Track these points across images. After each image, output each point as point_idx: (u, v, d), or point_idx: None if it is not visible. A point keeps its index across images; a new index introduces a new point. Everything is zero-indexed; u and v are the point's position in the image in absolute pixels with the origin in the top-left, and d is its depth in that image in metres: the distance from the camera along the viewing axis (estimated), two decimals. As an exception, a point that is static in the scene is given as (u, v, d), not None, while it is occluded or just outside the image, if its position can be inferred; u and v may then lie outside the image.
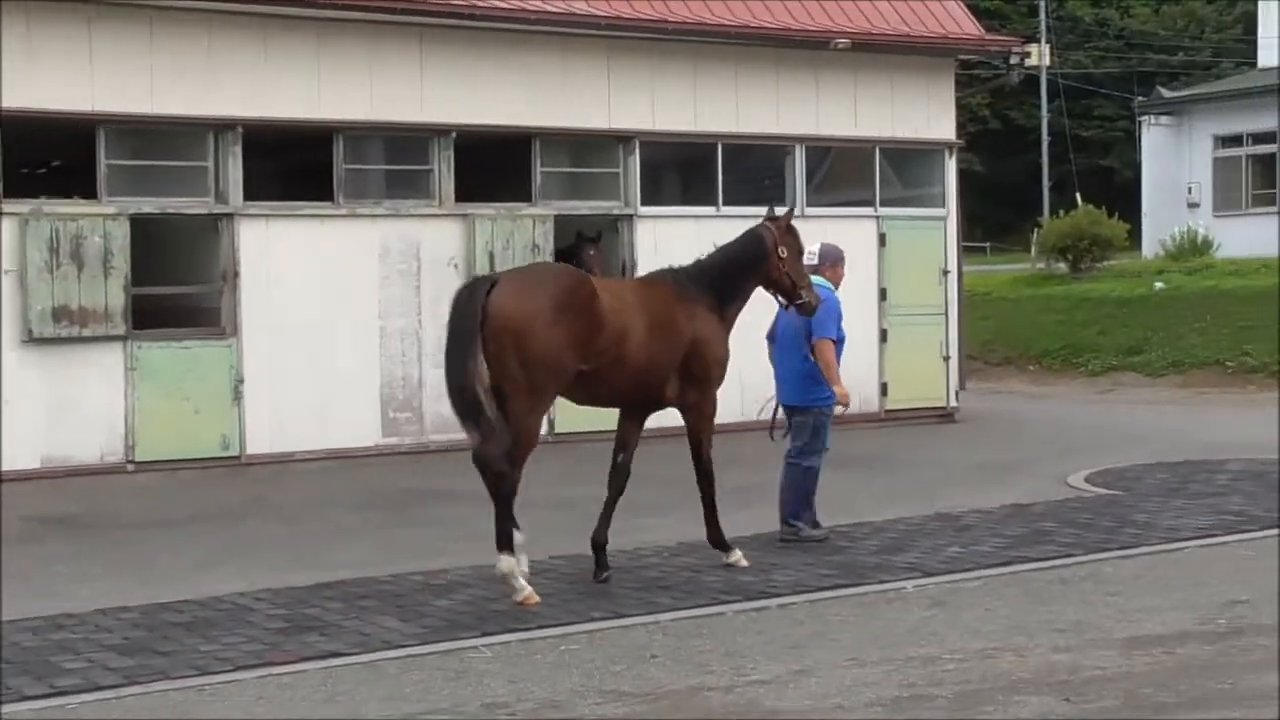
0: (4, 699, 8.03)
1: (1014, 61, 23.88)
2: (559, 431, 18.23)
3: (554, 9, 19.50)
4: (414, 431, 19.00)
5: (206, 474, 17.35)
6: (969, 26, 23.20)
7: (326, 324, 18.50)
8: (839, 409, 12.52)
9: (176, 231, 18.65)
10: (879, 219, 22.25)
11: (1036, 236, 39.72)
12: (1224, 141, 42.15)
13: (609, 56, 20.23)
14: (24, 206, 17.15)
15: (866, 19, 21.99)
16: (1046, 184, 58.51)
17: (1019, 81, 26.50)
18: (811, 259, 12.23)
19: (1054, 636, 9.09)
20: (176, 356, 17.74)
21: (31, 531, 13.64)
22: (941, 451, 19.24)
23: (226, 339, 18.02)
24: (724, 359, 11.30)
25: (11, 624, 9.73)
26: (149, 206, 17.80)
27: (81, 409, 17.21)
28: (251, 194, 18.23)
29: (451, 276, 18.97)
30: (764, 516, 12.68)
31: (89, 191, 17.62)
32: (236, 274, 18.06)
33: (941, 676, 8.22)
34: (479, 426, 10.04)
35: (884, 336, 22.05)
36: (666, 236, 20.11)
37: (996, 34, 29.84)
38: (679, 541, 12.18)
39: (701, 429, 11.29)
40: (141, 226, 17.72)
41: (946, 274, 22.88)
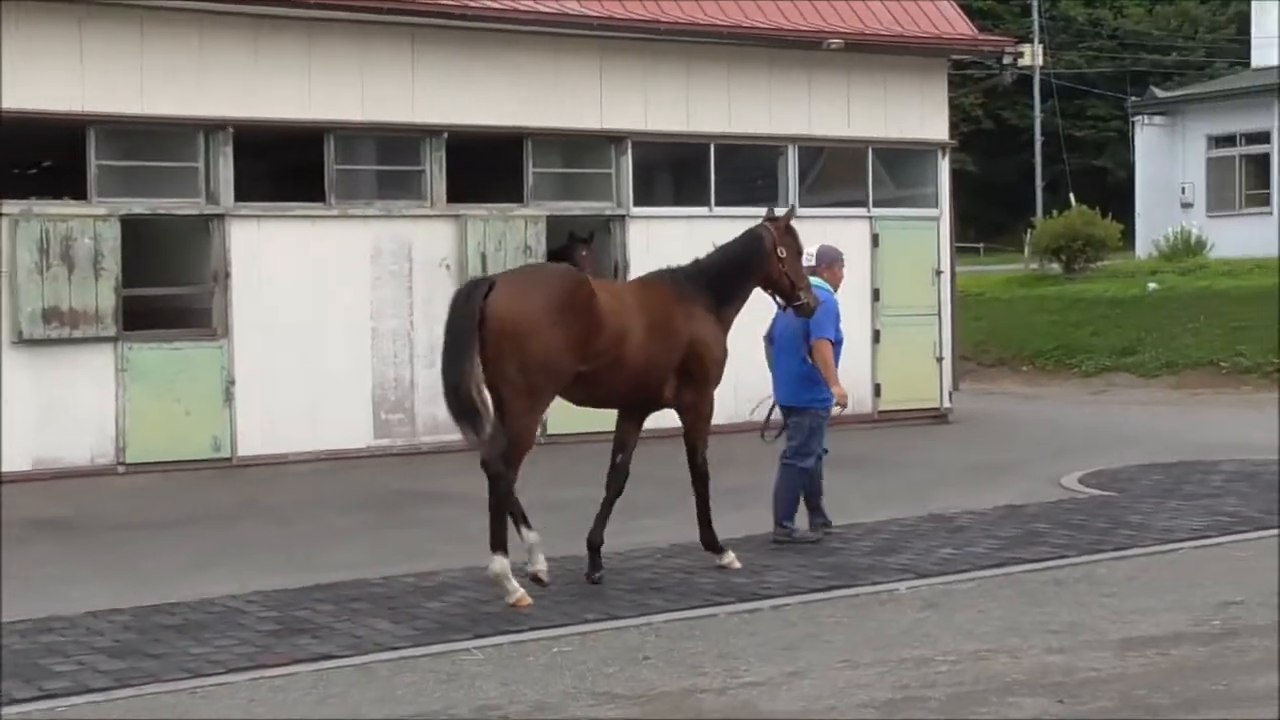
0: (-3, 702, 8.01)
1: (1007, 61, 23.82)
2: (551, 433, 18.18)
3: (546, 9, 19.48)
4: (406, 433, 18.97)
5: (198, 476, 17.33)
6: (962, 26, 23.18)
7: (318, 325, 18.47)
8: (837, 409, 12.50)
9: (167, 232, 18.62)
10: (872, 219, 22.22)
11: (1030, 237, 39.70)
12: (1217, 142, 42.15)
13: (601, 57, 20.21)
14: (14, 207, 17.12)
15: (859, 19, 21.98)
16: (1040, 184, 58.54)
17: (1012, 81, 26.44)
18: (809, 260, 12.20)
19: (1048, 638, 9.07)
20: (167, 358, 17.71)
21: (22, 534, 13.57)
22: (935, 452, 19.22)
23: (217, 340, 17.99)
24: (722, 359, 11.28)
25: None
26: (139, 207, 17.77)
27: (72, 411, 17.18)
28: (242, 194, 18.19)
29: (443, 277, 19.01)
30: (757, 518, 12.65)
31: (79, 192, 17.60)
32: (227, 275, 18.03)
33: (935, 678, 8.20)
34: (475, 428, 10.02)
35: (877, 337, 22.04)
36: (659, 237, 20.07)
37: (989, 34, 29.89)
38: (672, 543, 12.16)
39: (698, 430, 11.27)
40: (132, 227, 17.69)
41: (940, 274, 22.86)
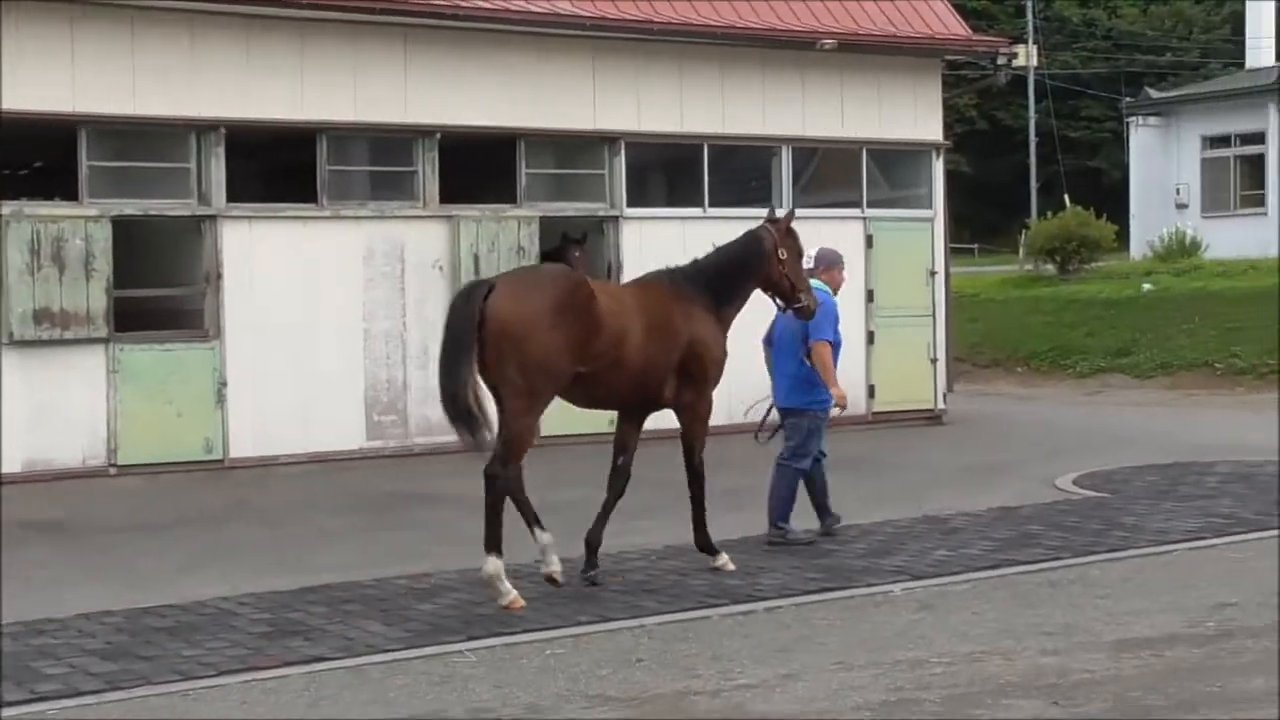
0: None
1: (1001, 62, 23.84)
2: (544, 435, 18.09)
3: (538, 9, 19.44)
4: (398, 434, 18.93)
5: (189, 477, 17.29)
6: (956, 27, 23.16)
7: (310, 326, 18.42)
8: (836, 410, 12.51)
9: (159, 233, 18.57)
10: (866, 220, 22.19)
11: (1024, 238, 39.70)
12: (1212, 142, 42.18)
13: (594, 57, 20.17)
14: (5, 208, 17.06)
15: (853, 19, 21.95)
16: (1034, 185, 58.60)
17: (1006, 82, 26.48)
18: (808, 263, 12.20)
19: (1042, 640, 9.06)
20: (159, 359, 17.66)
21: (13, 536, 13.51)
22: (929, 454, 19.21)
23: (209, 341, 17.94)
24: (722, 360, 11.28)
25: (-8, 628, 9.68)
26: (131, 208, 17.72)
27: (63, 412, 17.12)
28: (234, 195, 18.15)
29: (436, 279, 18.99)
30: (752, 520, 12.64)
31: (70, 193, 17.55)
32: (219, 276, 17.98)
33: (929, 680, 8.18)
34: (471, 432, 10.04)
35: (871, 338, 21.99)
36: (652, 238, 20.05)
37: (983, 34, 29.89)
38: (665, 545, 12.14)
39: (695, 430, 11.27)
40: (123, 228, 17.64)
41: (934, 275, 22.83)
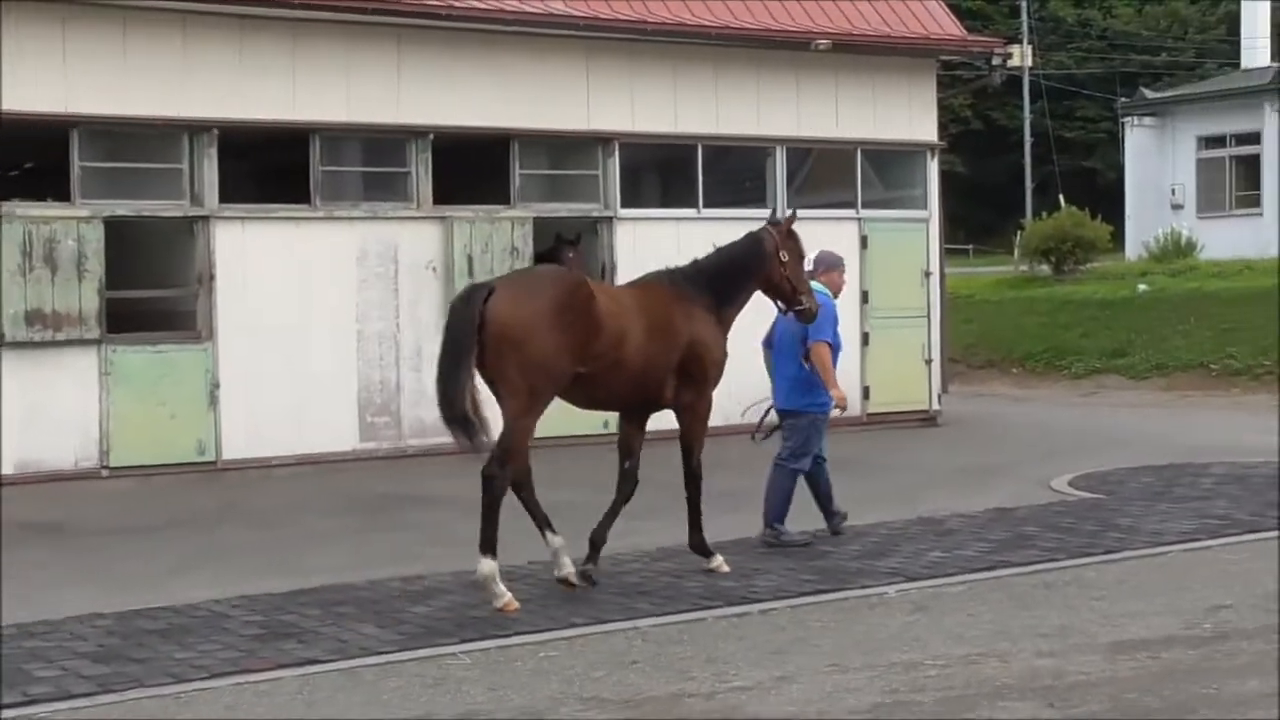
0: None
1: (996, 62, 23.83)
2: (542, 435, 18.02)
3: (532, 9, 19.40)
4: (391, 436, 18.88)
5: (182, 479, 17.24)
6: (950, 27, 23.14)
7: (303, 328, 18.38)
8: (837, 411, 12.55)
9: (151, 234, 18.52)
10: (860, 221, 22.16)
11: (1019, 238, 39.71)
12: (1207, 143, 42.21)
13: (588, 57, 20.13)
14: (-3, 209, 17.04)
15: (847, 19, 21.92)
16: (1029, 185, 58.59)
17: (1001, 82, 26.42)
18: (807, 265, 12.20)
19: (1038, 641, 9.04)
20: (151, 361, 17.61)
21: (5, 537, 13.45)
22: (924, 455, 19.19)
23: (202, 343, 17.89)
24: (722, 360, 11.29)
25: (-17, 630, 9.65)
26: (123, 209, 17.67)
27: (55, 414, 17.07)
28: (227, 196, 18.09)
29: (430, 280, 18.96)
30: (748, 522, 12.62)
31: (62, 194, 17.48)
32: (212, 277, 17.93)
33: (924, 682, 8.16)
34: (467, 435, 10.06)
35: (866, 339, 21.95)
36: (646, 239, 20.03)
37: (978, 34, 29.88)
38: (659, 547, 12.11)
39: (694, 431, 11.27)
40: (116, 229, 17.59)
41: (929, 276, 22.81)
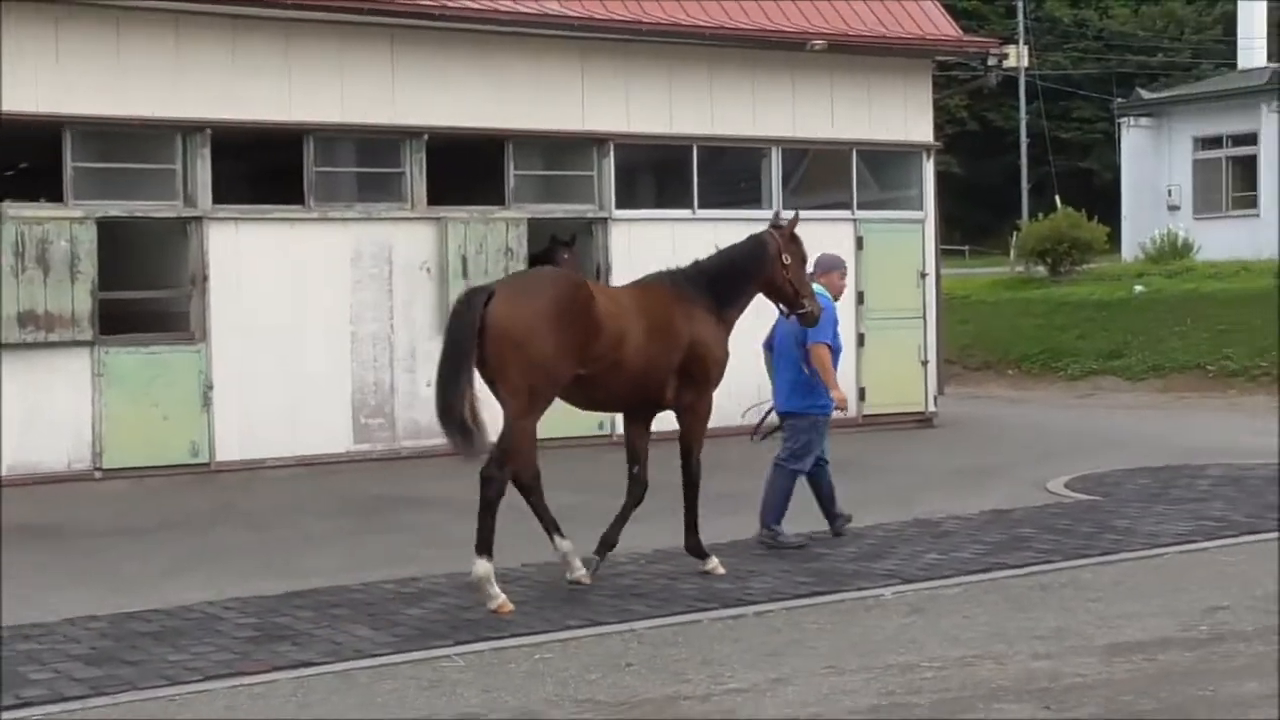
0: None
1: (992, 63, 23.78)
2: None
3: (526, 9, 19.36)
4: (386, 437, 18.84)
5: (175, 481, 17.19)
6: (946, 27, 23.11)
7: (297, 329, 18.34)
8: (837, 413, 12.62)
9: (144, 235, 18.48)
10: (856, 222, 22.11)
11: (1015, 239, 39.70)
12: (1204, 143, 42.17)
13: (582, 58, 20.10)
14: (-11, 210, 17.00)
15: (843, 20, 21.89)
16: (1025, 186, 58.62)
17: (997, 83, 26.36)
18: (808, 267, 12.23)
19: (1034, 644, 9.03)
20: (145, 362, 17.57)
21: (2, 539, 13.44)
22: (920, 457, 19.16)
23: (195, 344, 17.84)
24: (723, 360, 11.30)
25: (-23, 633, 9.62)
26: (116, 210, 17.63)
27: (48, 415, 17.02)
28: (220, 197, 18.05)
29: (424, 280, 18.93)
30: (744, 524, 12.62)
31: (55, 194, 17.44)
32: (205, 278, 17.89)
33: (920, 684, 8.15)
34: (464, 440, 10.07)
35: (861, 340, 21.91)
36: (641, 240, 19.99)
37: (974, 35, 29.78)
38: (655, 549, 12.07)
39: (694, 431, 11.28)
40: (109, 230, 17.56)
41: (924, 277, 22.77)
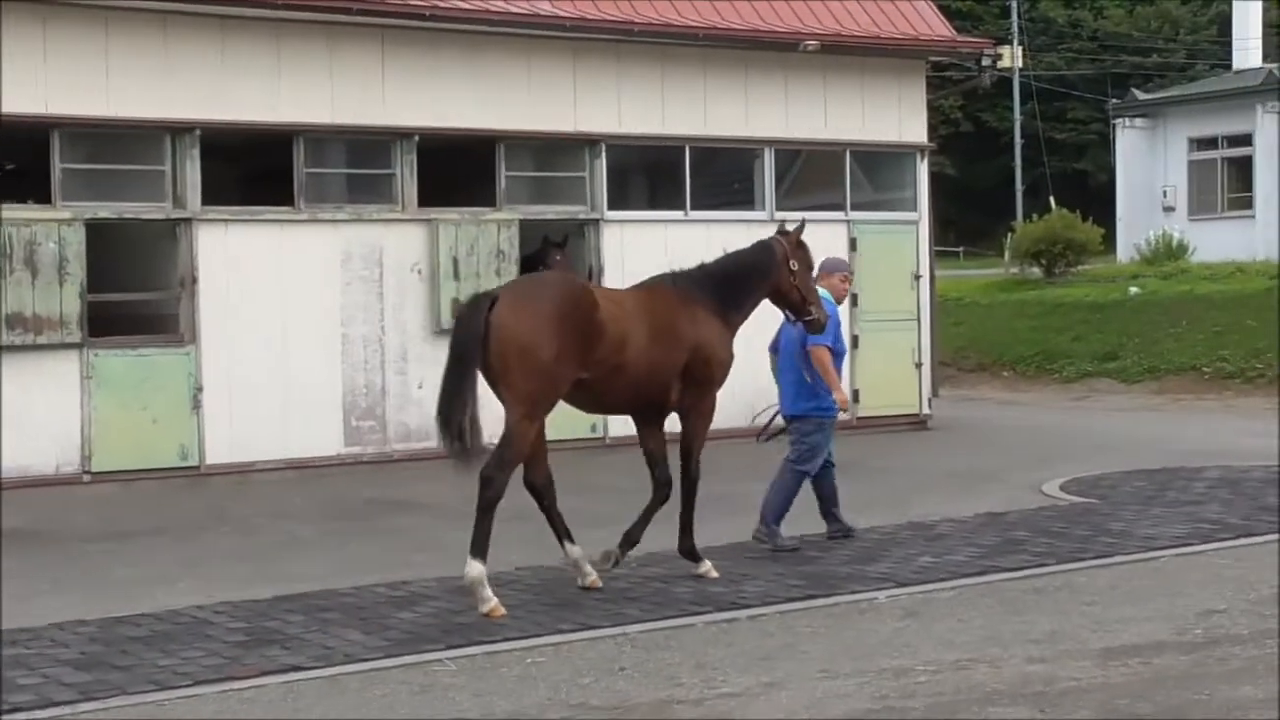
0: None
1: (986, 63, 23.75)
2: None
3: (517, 10, 19.30)
4: (377, 440, 18.77)
5: (165, 485, 17.15)
6: (940, 28, 23.07)
7: (287, 331, 18.27)
8: (840, 414, 12.68)
9: (133, 237, 18.41)
10: (849, 223, 22.05)
11: (1010, 241, 39.75)
12: (1199, 144, 42.17)
13: (574, 58, 20.03)
14: (-23, 212, 16.91)
15: (836, 20, 21.84)
16: (1020, 187, 58.67)
17: (991, 84, 26.37)
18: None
19: (1029, 647, 9.00)
20: (134, 365, 17.49)
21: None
22: (914, 459, 19.13)
23: (185, 347, 17.77)
24: (727, 362, 11.32)
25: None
26: (105, 211, 17.56)
27: (36, 418, 16.94)
28: (210, 198, 17.98)
29: (415, 282, 18.90)
30: (737, 527, 12.60)
31: (43, 196, 17.36)
32: (195, 280, 17.81)
33: (914, 688, 8.12)
34: (461, 449, 10.08)
35: (855, 342, 21.81)
36: (633, 241, 19.94)
37: (968, 35, 29.79)
38: (647, 552, 11.99)
39: (696, 432, 11.27)
40: (97, 232, 17.48)
41: (918, 279, 22.72)
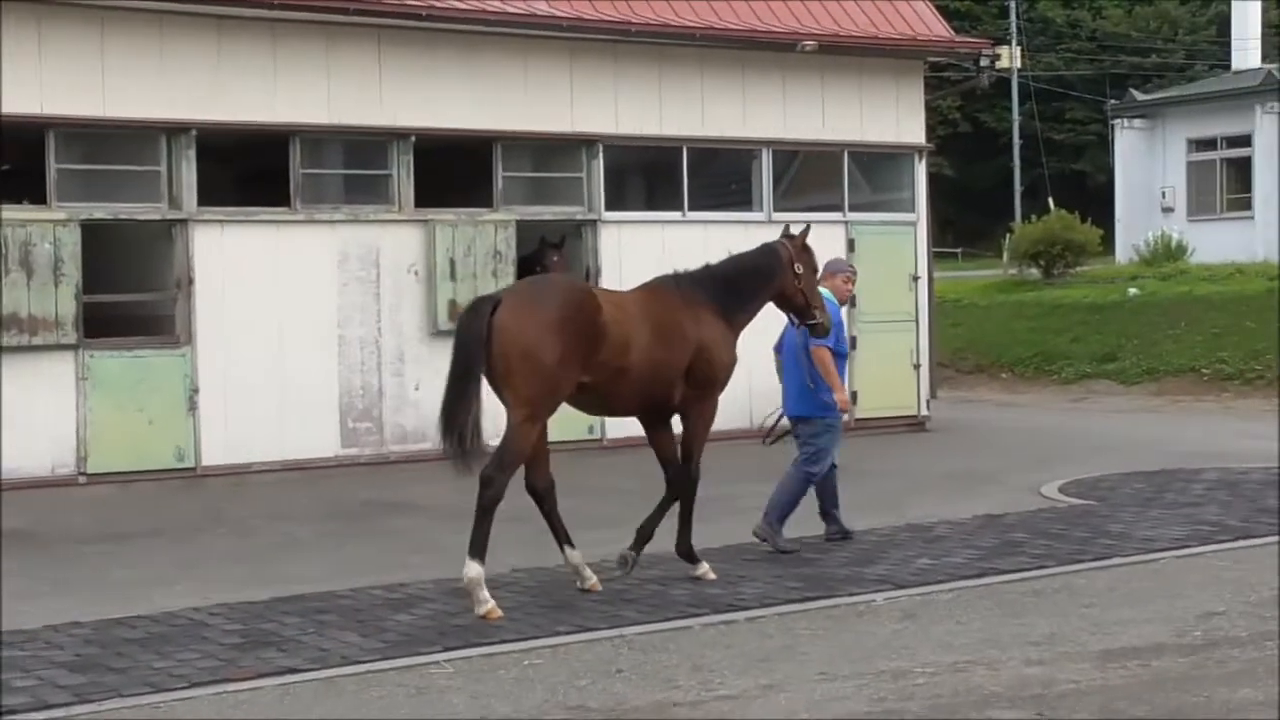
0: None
1: (984, 64, 23.77)
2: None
3: (514, 10, 19.27)
4: (373, 442, 18.75)
5: (161, 486, 17.13)
6: (938, 28, 23.05)
7: (283, 332, 18.25)
8: (844, 416, 12.72)
9: (129, 238, 18.42)
10: (848, 224, 22.02)
11: (1008, 242, 39.74)
12: (1198, 145, 42.15)
13: (571, 58, 20.00)
14: (-28, 213, 16.88)
15: (834, 20, 21.82)
16: (1018, 188, 58.67)
17: (990, 84, 26.39)
18: None
19: (1027, 649, 8.98)
20: (129, 366, 17.47)
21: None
22: (912, 461, 19.11)
23: (180, 348, 17.74)
24: (730, 364, 11.33)
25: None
26: (100, 212, 17.55)
27: (32, 420, 16.91)
28: (206, 199, 17.96)
29: (411, 283, 18.88)
30: (737, 528, 12.61)
31: (39, 197, 17.33)
32: (191, 281, 17.79)
33: (913, 691, 8.11)
34: (462, 454, 10.08)
35: (853, 344, 21.73)
36: (631, 242, 19.92)
37: (966, 36, 29.76)
38: (646, 553, 11.93)
39: (698, 433, 11.27)
40: (93, 232, 17.47)
41: (917, 280, 22.70)
